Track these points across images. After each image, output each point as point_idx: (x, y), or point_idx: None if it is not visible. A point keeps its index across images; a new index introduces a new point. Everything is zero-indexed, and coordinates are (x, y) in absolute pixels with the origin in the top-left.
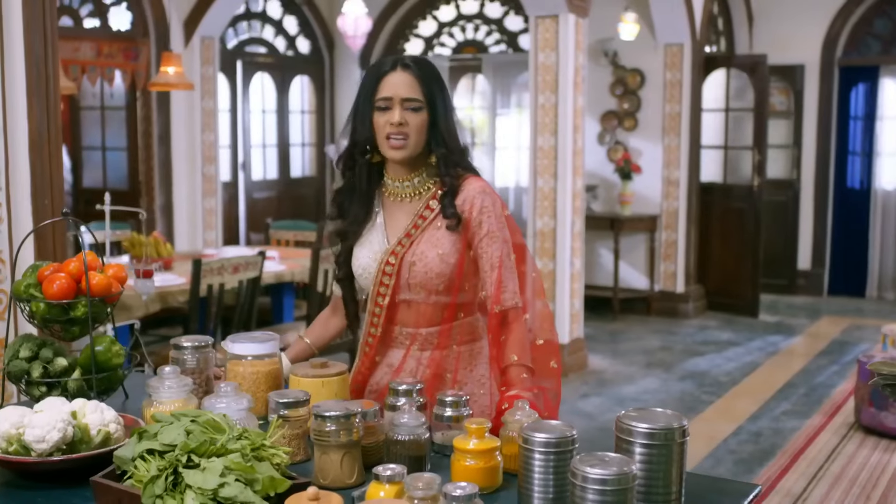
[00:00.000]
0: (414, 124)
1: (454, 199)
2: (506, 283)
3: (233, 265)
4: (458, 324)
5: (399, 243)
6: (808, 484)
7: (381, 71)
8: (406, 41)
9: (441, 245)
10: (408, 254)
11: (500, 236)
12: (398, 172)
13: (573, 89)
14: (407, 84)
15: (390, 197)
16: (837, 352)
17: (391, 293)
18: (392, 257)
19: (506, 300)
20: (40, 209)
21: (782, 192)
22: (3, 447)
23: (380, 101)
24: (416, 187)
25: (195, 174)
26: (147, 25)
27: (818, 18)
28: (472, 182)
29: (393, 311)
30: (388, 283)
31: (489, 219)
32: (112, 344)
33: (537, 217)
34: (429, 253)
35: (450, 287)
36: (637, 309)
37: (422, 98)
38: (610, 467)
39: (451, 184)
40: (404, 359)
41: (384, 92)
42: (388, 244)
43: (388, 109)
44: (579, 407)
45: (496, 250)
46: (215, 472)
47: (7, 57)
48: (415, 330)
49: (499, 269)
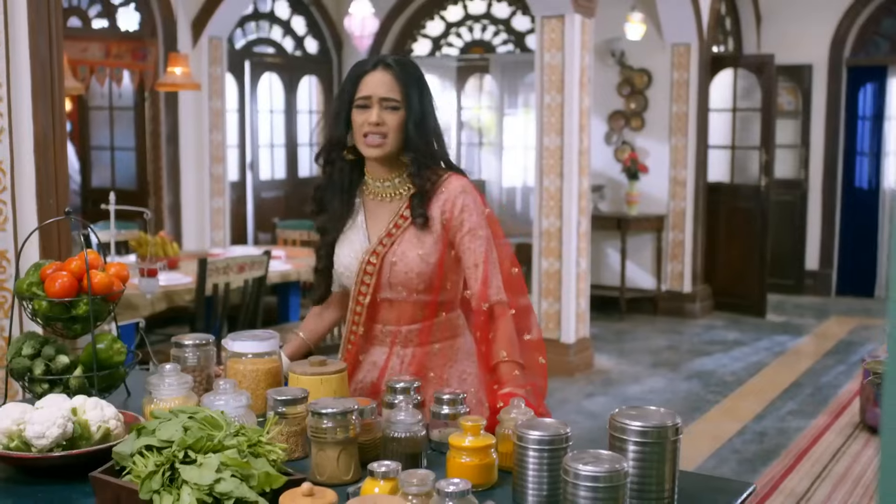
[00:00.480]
0: (392, 124)
1: (423, 201)
2: (491, 279)
3: (238, 264)
4: (438, 321)
5: (380, 243)
6: (812, 484)
7: (361, 70)
8: (413, 41)
9: (422, 245)
10: (388, 253)
11: (482, 234)
12: (377, 172)
13: (579, 89)
14: (386, 84)
15: (371, 196)
16: (844, 352)
17: (372, 292)
18: (373, 257)
19: (491, 296)
20: (45, 209)
21: (790, 192)
22: (5, 443)
23: (359, 99)
24: (397, 187)
25: (203, 174)
26: (155, 26)
27: (826, 18)
28: (453, 181)
29: (374, 310)
30: (370, 283)
31: (470, 217)
32: (113, 342)
33: (543, 217)
34: (409, 253)
35: (430, 286)
36: (644, 309)
37: (400, 98)
38: (602, 465)
39: (420, 185)
40: (388, 358)
41: (363, 91)
42: (368, 243)
43: (367, 108)
44: (584, 406)
45: (479, 247)
46: (211, 468)
47: (12, 58)
48: (396, 327)
49: (484, 265)
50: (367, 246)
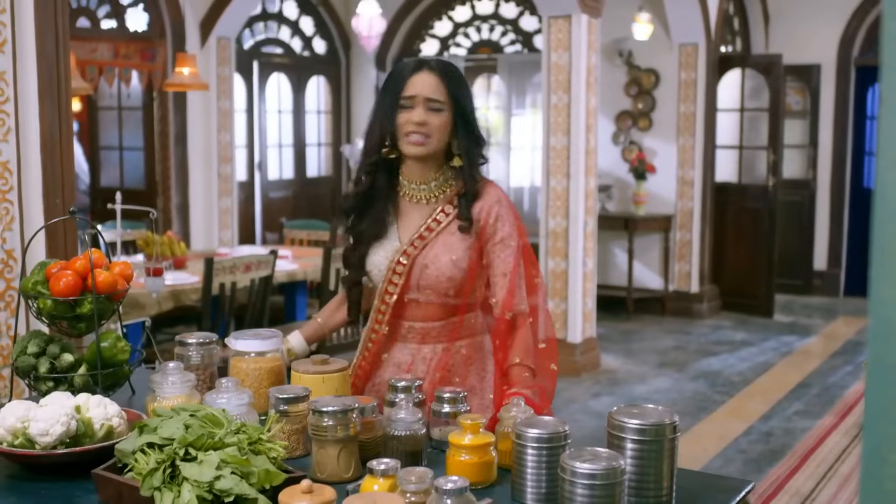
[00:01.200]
0: (435, 124)
1: (470, 202)
2: (517, 290)
3: (245, 264)
4: (465, 318)
5: (412, 244)
6: (818, 484)
7: (407, 70)
8: (422, 41)
9: (455, 250)
10: (420, 256)
11: (513, 245)
12: (415, 174)
13: (586, 89)
14: (431, 85)
15: (405, 198)
16: (852, 352)
17: (399, 292)
18: (404, 257)
19: (516, 306)
20: (51, 208)
21: (798, 192)
22: (9, 440)
23: (404, 99)
24: (432, 190)
25: (211, 174)
26: (164, 26)
27: (834, 18)
28: (491, 190)
29: (400, 309)
30: (398, 283)
31: (503, 227)
32: (118, 340)
33: (550, 217)
34: (442, 257)
35: (460, 291)
36: (651, 309)
37: (445, 99)
38: (599, 462)
39: (473, 187)
40: (412, 362)
41: (409, 91)
42: (399, 243)
43: (411, 108)
44: (591, 406)
45: (509, 256)
46: (211, 465)
47: (19, 57)
48: (423, 325)
49: (511, 275)
50: (398, 246)
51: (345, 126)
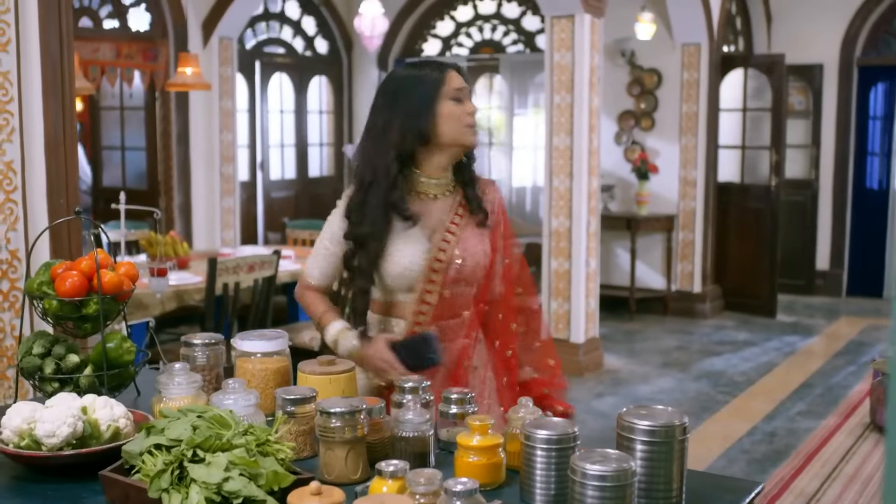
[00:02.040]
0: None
1: (477, 195)
2: (533, 281)
3: (248, 264)
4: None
5: (444, 240)
6: (822, 484)
7: (442, 67)
8: (424, 41)
9: (483, 241)
10: (455, 251)
11: (517, 241)
12: (434, 169)
13: (589, 89)
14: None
15: (419, 196)
16: (854, 352)
17: (439, 289)
18: (441, 254)
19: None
20: (55, 208)
21: (801, 192)
22: (15, 442)
23: (455, 91)
24: (445, 185)
25: (213, 174)
26: (166, 26)
27: (837, 18)
28: (491, 185)
29: (441, 307)
30: (437, 280)
31: (508, 225)
32: (123, 341)
33: (553, 217)
34: (476, 249)
35: (489, 279)
36: (654, 309)
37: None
38: (609, 464)
39: (474, 179)
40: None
41: (457, 83)
42: (429, 242)
43: (462, 101)
44: (594, 406)
45: (519, 252)
46: (219, 467)
47: (23, 57)
48: (458, 321)
49: (526, 267)
50: (428, 245)
51: (347, 126)
